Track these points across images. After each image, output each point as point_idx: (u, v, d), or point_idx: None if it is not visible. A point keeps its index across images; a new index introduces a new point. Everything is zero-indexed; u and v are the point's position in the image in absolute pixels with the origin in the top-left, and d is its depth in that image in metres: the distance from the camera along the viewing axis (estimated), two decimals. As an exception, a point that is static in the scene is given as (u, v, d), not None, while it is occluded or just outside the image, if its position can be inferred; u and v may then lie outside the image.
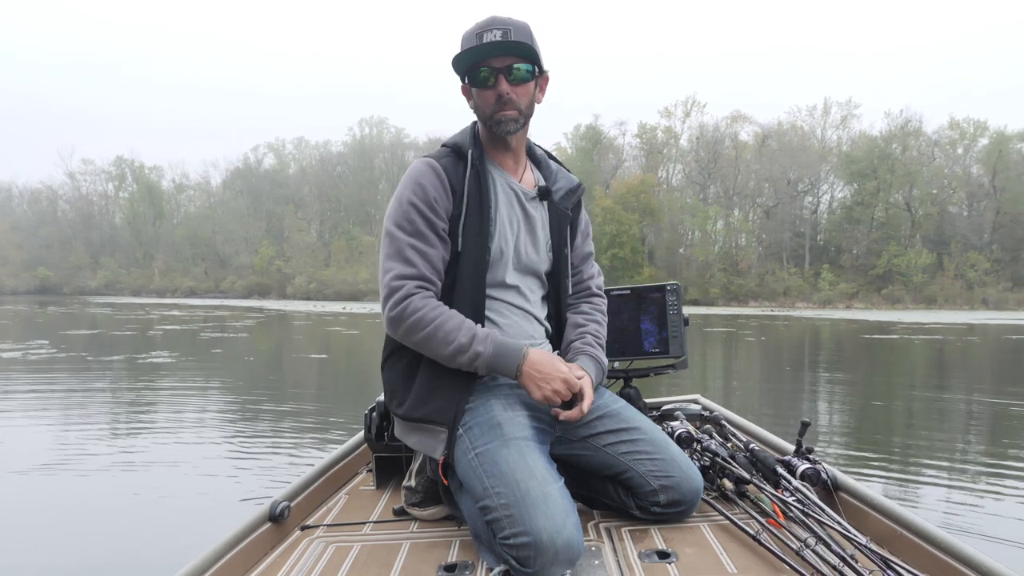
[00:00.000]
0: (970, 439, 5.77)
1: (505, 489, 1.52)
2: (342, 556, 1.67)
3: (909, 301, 51.68)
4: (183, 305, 46.36)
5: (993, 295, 51.19)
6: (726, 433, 2.46)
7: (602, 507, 1.91)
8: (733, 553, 1.59)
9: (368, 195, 79.03)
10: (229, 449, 5.17)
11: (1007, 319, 32.73)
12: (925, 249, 55.10)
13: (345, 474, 2.34)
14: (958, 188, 60.41)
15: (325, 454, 2.38)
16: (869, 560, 1.41)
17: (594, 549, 1.64)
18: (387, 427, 2.16)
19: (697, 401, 3.04)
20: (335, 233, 79.32)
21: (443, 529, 1.84)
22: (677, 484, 1.74)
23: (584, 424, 1.83)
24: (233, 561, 1.57)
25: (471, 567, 1.59)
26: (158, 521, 3.63)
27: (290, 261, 73.06)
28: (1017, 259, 54.64)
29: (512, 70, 1.77)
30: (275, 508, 1.78)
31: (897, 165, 59.19)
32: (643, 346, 2.64)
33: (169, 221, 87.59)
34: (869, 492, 1.81)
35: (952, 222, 58.56)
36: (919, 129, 61.91)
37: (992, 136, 59.67)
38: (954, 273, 53.62)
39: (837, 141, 66.88)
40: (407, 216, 1.76)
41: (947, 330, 22.52)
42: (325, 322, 25.95)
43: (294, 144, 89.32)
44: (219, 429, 5.91)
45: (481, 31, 1.74)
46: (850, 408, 7.39)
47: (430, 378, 1.76)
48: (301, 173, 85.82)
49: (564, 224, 1.97)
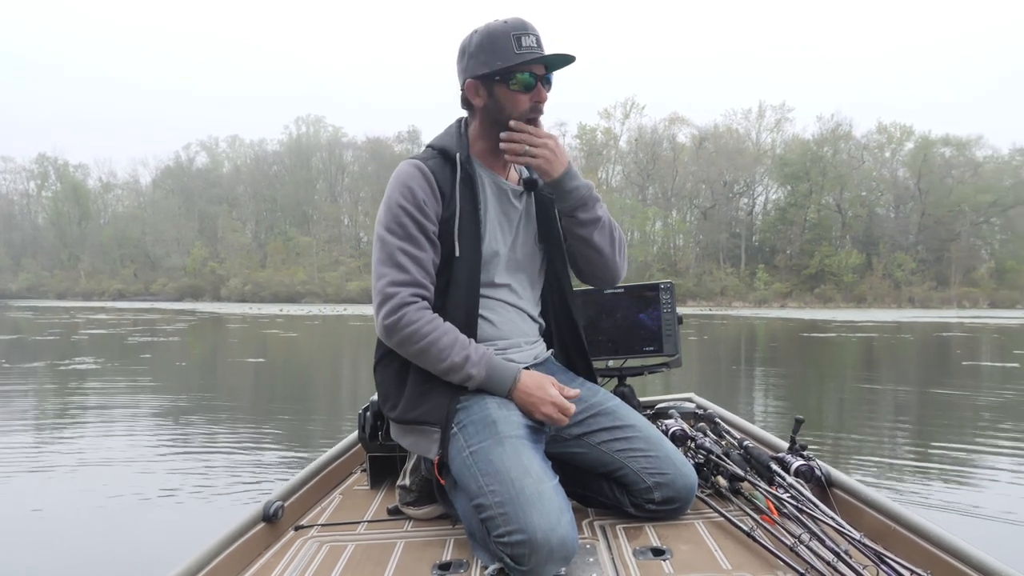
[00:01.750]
0: (938, 427, 6.07)
1: (500, 487, 1.51)
2: (336, 556, 1.66)
3: (840, 300, 53.33)
4: (111, 308, 44.99)
5: (919, 294, 53.27)
6: (720, 431, 2.45)
7: (597, 505, 1.90)
8: (728, 550, 1.58)
9: (305, 195, 77.66)
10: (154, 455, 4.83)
11: (932, 317, 33.99)
12: (855, 250, 57.04)
13: (339, 474, 2.34)
14: (885, 191, 62.72)
15: (315, 454, 2.37)
16: (863, 555, 1.41)
17: (589, 547, 1.63)
18: (381, 427, 2.15)
19: (691, 400, 3.03)
20: (271, 234, 77.79)
21: (438, 528, 1.84)
22: (671, 481, 1.74)
23: (578, 422, 1.83)
24: (227, 561, 1.55)
25: (466, 565, 1.58)
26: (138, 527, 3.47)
27: (224, 262, 71.49)
28: (941, 259, 56.96)
29: (548, 78, 1.79)
30: (269, 508, 1.78)
31: (828, 168, 61.09)
32: (637, 345, 2.65)
33: (96, 221, 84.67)
34: (863, 488, 1.81)
35: (880, 223, 60.75)
36: (849, 133, 64.12)
37: (917, 140, 62.15)
38: (882, 273, 55.64)
39: (771, 144, 68.75)
40: (397, 220, 1.74)
41: (879, 328, 23.21)
42: (261, 324, 25.36)
43: (228, 143, 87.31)
44: (152, 434, 5.52)
45: (518, 33, 1.73)
46: (797, 402, 7.48)
47: (422, 380, 1.75)
48: (235, 172, 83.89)
49: (552, 211, 1.94)
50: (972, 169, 60.55)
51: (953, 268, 55.87)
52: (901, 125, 63.24)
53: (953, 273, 55.64)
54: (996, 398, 7.82)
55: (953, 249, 56.74)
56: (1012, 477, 4.46)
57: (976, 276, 56.22)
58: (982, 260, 59.07)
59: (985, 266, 57.65)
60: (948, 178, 60.50)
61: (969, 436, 5.73)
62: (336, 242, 74.58)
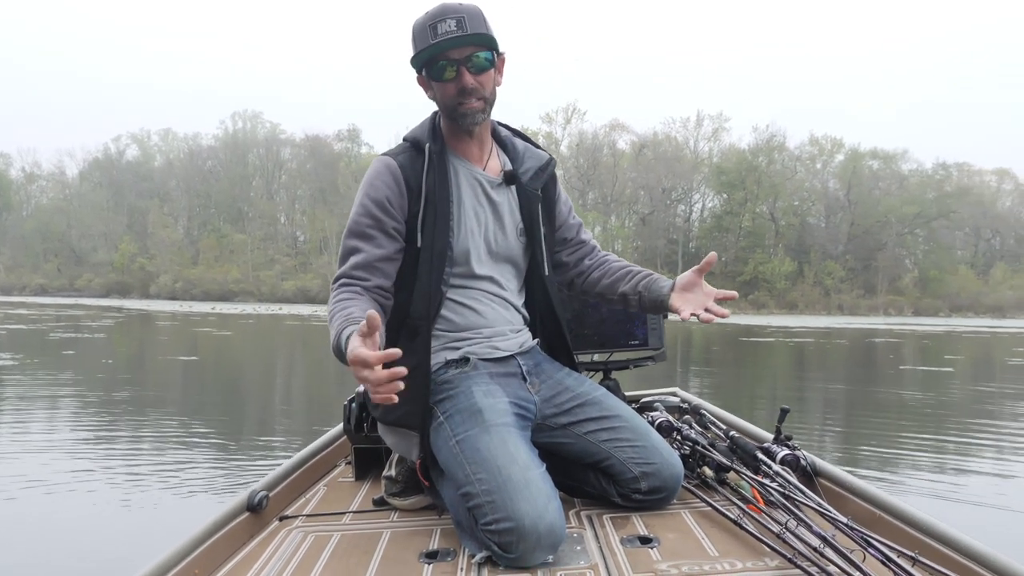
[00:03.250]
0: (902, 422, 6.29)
1: (487, 475, 1.51)
2: (321, 545, 1.65)
3: (773, 306, 54.63)
4: (32, 304, 43.06)
5: (848, 301, 55.02)
6: (705, 423, 2.47)
7: (583, 495, 1.89)
8: (715, 537, 1.59)
9: (241, 191, 75.69)
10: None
11: (861, 324, 35.16)
12: (788, 257, 58.53)
13: (324, 466, 2.32)
14: (817, 201, 64.67)
15: (301, 444, 2.35)
16: (850, 540, 1.41)
17: (576, 536, 1.63)
18: (366, 418, 2.11)
19: (676, 394, 3.04)
20: (204, 230, 75.47)
21: (424, 518, 1.83)
22: (658, 471, 1.74)
23: (565, 412, 1.82)
24: (210, 550, 1.53)
25: (453, 554, 1.57)
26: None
27: (154, 259, 69.04)
28: (868, 268, 58.99)
29: (472, 60, 1.73)
30: (253, 498, 1.75)
31: (763, 177, 62.60)
32: (623, 339, 2.68)
33: (18, 213, 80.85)
34: (848, 477, 1.83)
35: (811, 232, 62.56)
36: (783, 144, 65.84)
37: (847, 153, 64.26)
38: (813, 280, 57.29)
39: (709, 153, 69.97)
40: (355, 217, 1.77)
41: (812, 333, 23.86)
42: (193, 323, 24.59)
43: (160, 136, 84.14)
44: (71, 430, 5.14)
45: (434, 21, 1.69)
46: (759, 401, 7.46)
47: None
48: (168, 166, 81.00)
49: (535, 205, 1.92)
50: (898, 182, 63.01)
51: (880, 277, 57.90)
52: (832, 137, 65.32)
53: (880, 282, 57.64)
54: (937, 399, 8.18)
55: (880, 258, 58.82)
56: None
57: (901, 285, 58.41)
58: (907, 269, 61.45)
59: (909, 275, 59.99)
60: (876, 190, 62.77)
61: (910, 431, 6.01)
62: (272, 240, 72.98)
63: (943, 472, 4.68)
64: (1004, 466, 4.92)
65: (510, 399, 1.73)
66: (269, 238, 73.18)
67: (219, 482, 4.08)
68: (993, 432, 6.15)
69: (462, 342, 1.81)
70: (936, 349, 17.68)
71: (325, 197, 71.48)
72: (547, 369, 1.89)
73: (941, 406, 7.94)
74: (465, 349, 1.80)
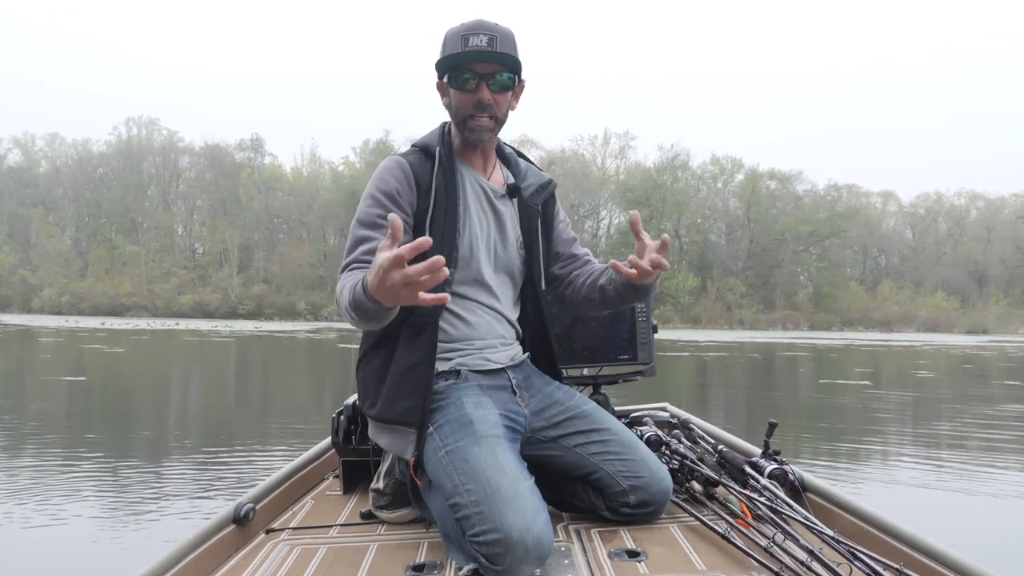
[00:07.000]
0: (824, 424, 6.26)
1: (475, 486, 1.50)
2: (308, 558, 1.64)
3: (678, 321, 56.12)
4: None
5: (748, 316, 57.12)
6: (694, 437, 2.48)
7: (572, 509, 1.89)
8: (702, 552, 1.59)
9: (135, 201, 72.12)
10: None
11: (763, 337, 36.38)
12: (691, 273, 60.29)
13: (312, 479, 2.30)
14: (718, 219, 66.97)
15: (289, 457, 2.31)
16: (837, 553, 1.42)
17: (564, 549, 1.62)
18: (355, 431, 2.11)
19: (665, 409, 3.04)
20: (94, 241, 71.65)
21: (411, 531, 1.83)
22: (646, 484, 1.74)
23: (554, 425, 1.83)
24: (195, 562, 1.53)
25: (440, 567, 1.57)
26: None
27: (38, 270, 65.25)
28: (767, 284, 61.45)
29: (495, 77, 1.78)
30: (239, 510, 1.74)
31: (668, 195, 64.48)
32: (612, 353, 2.67)
33: None
34: (836, 491, 1.83)
35: (713, 249, 64.77)
36: (687, 163, 68.08)
37: (747, 173, 66.90)
38: (715, 296, 59.27)
39: (616, 170, 71.56)
40: (364, 208, 1.77)
41: (722, 347, 24.40)
42: (80, 339, 22.95)
43: (46, 140, 79.74)
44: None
45: (467, 33, 1.75)
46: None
47: (396, 378, 1.74)
48: (54, 173, 76.66)
49: (534, 221, 1.97)
50: (793, 201, 66.07)
51: (777, 292, 60.46)
52: (732, 158, 67.95)
53: (777, 297, 60.16)
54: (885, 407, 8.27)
55: (777, 275, 61.41)
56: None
57: (797, 300, 61.14)
58: (802, 286, 64.42)
59: (804, 291, 62.87)
60: (773, 209, 65.58)
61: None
62: (168, 252, 69.86)
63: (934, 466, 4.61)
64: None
65: (500, 411, 1.74)
66: (165, 250, 70.10)
67: (106, 520, 3.54)
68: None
69: (454, 353, 1.81)
70: (843, 361, 18.36)
71: (226, 208, 69.23)
72: (537, 383, 1.90)
73: (892, 411, 8.17)
74: (456, 360, 1.80)
